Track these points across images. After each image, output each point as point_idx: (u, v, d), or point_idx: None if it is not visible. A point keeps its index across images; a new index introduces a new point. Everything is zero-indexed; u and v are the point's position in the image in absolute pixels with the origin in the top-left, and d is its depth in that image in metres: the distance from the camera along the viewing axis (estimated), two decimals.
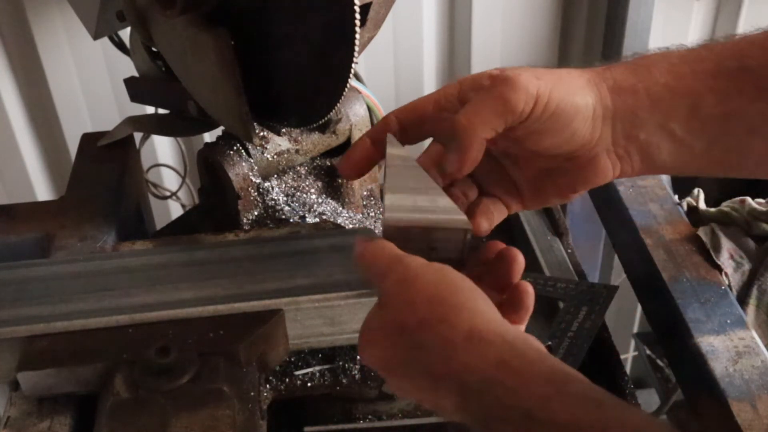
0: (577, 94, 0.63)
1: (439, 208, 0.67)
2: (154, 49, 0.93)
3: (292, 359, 0.81)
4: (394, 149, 0.70)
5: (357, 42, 0.73)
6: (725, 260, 0.98)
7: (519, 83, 0.61)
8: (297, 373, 0.80)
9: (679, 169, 0.70)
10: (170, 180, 1.51)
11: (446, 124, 0.64)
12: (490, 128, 0.61)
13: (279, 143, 0.95)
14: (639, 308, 1.90)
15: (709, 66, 0.64)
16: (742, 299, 0.98)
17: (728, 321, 0.88)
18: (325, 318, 0.75)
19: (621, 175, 0.67)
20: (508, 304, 0.62)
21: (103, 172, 1.01)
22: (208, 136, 1.21)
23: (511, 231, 1.16)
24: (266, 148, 0.94)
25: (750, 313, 0.98)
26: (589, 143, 0.64)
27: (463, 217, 0.67)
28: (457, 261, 0.67)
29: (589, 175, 0.66)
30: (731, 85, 0.63)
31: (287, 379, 0.80)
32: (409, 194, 0.66)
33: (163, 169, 1.48)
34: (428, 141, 0.71)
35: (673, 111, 0.64)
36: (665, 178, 1.30)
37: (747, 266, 1.00)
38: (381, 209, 1.01)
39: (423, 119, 0.68)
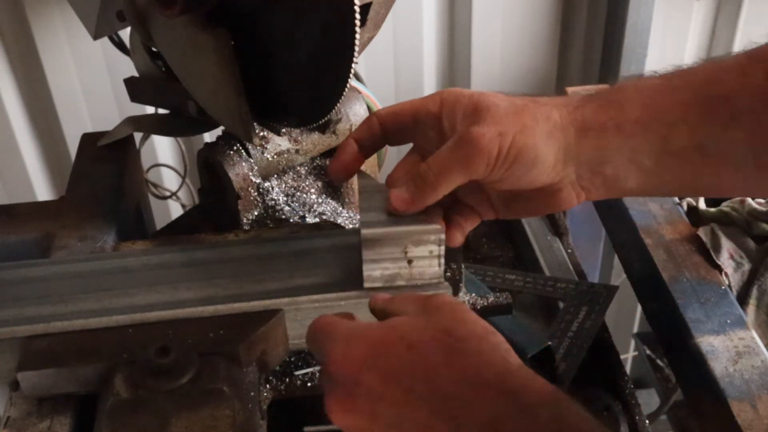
0: (538, 144, 0.65)
1: (410, 219, 0.71)
2: (154, 49, 0.93)
3: (292, 359, 0.81)
4: (364, 180, 0.76)
5: (357, 42, 0.73)
6: (725, 260, 0.98)
7: (481, 146, 0.65)
8: (297, 373, 0.80)
9: (645, 194, 0.74)
10: (170, 180, 1.51)
11: (421, 141, 0.72)
12: (452, 183, 0.67)
13: (279, 143, 0.95)
14: (639, 308, 1.90)
15: (682, 96, 0.64)
16: (742, 299, 0.98)
17: (728, 321, 0.88)
18: None
19: (586, 199, 0.70)
20: None
21: (103, 172, 1.01)
22: (208, 136, 1.21)
23: (511, 231, 1.16)
24: (266, 148, 0.94)
25: (750, 313, 0.98)
26: (552, 183, 0.68)
27: (436, 225, 0.70)
28: (436, 276, 0.70)
29: (552, 203, 0.70)
30: (704, 114, 0.64)
31: (287, 379, 0.80)
32: (381, 211, 0.70)
33: (163, 169, 1.48)
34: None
35: (644, 145, 0.65)
36: None
37: (747, 266, 1.00)
38: None
39: (403, 127, 0.72)
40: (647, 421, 0.86)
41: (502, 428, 0.48)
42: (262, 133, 0.94)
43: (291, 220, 0.93)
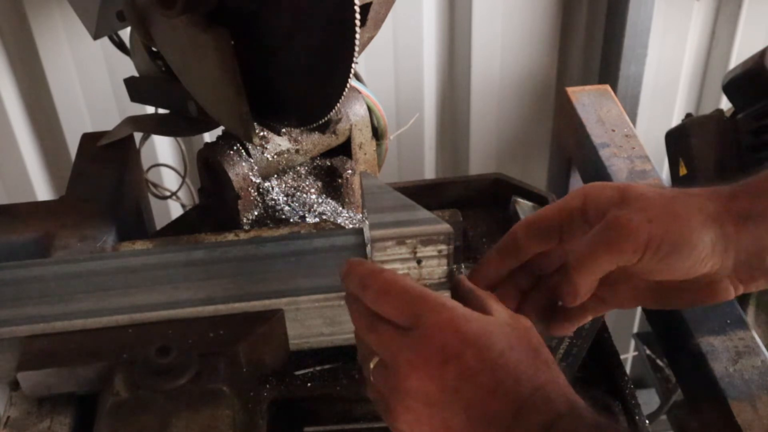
0: (693, 235, 0.62)
1: (419, 219, 0.70)
2: (154, 49, 0.93)
3: (292, 359, 0.81)
4: (368, 180, 0.75)
5: (357, 42, 0.73)
6: None
7: (629, 231, 0.62)
8: (297, 373, 0.80)
9: None
10: (170, 180, 1.51)
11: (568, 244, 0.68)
12: (600, 271, 0.64)
13: (279, 143, 0.95)
14: (639, 308, 1.90)
15: None
16: (742, 299, 0.98)
17: (728, 321, 0.88)
18: (325, 318, 0.75)
19: (744, 291, 0.67)
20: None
21: (103, 172, 1.01)
22: (208, 136, 1.21)
23: None
24: (266, 148, 0.94)
25: (750, 313, 0.98)
26: (707, 275, 0.64)
27: (445, 225, 0.69)
28: (446, 273, 0.70)
29: (708, 295, 0.67)
30: None
31: (287, 379, 0.80)
32: (389, 212, 0.69)
33: (163, 169, 1.48)
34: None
35: None
36: (665, 178, 1.30)
37: None
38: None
39: (549, 229, 0.69)
40: (647, 421, 0.86)
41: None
42: (262, 133, 0.94)
43: (291, 220, 0.93)
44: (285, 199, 0.95)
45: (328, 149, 0.99)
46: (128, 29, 0.96)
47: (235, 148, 0.92)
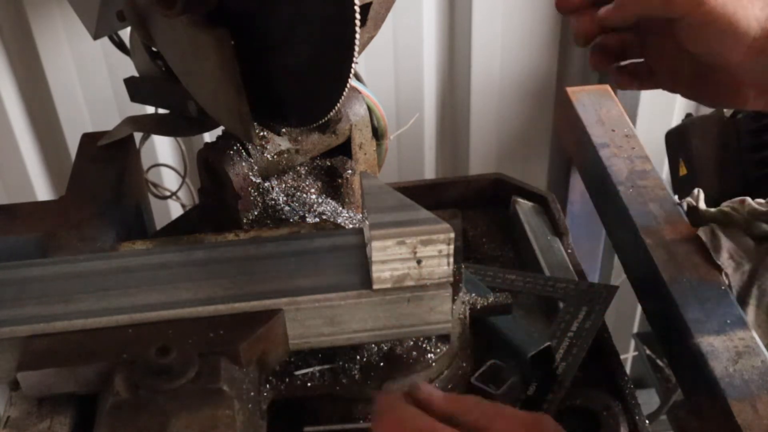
0: (747, 15, 0.66)
1: (419, 219, 0.70)
2: (154, 49, 0.93)
3: (292, 359, 0.81)
4: (368, 180, 0.75)
5: (357, 42, 0.73)
6: (725, 260, 0.98)
7: None
8: (297, 373, 0.80)
9: None
10: (170, 180, 1.51)
11: None
12: (648, 7, 0.70)
13: (279, 143, 0.95)
14: (639, 308, 1.90)
15: None
16: (742, 299, 0.98)
17: (728, 321, 0.88)
18: (325, 318, 0.75)
19: (762, 106, 0.73)
20: None
21: (103, 172, 1.01)
22: (208, 136, 1.21)
23: (511, 231, 1.16)
24: (266, 148, 0.94)
25: (750, 314, 0.98)
26: (736, 69, 0.69)
27: (445, 224, 0.69)
28: (445, 275, 0.70)
29: (723, 95, 0.72)
30: None
31: (287, 379, 0.80)
32: (389, 212, 0.69)
33: (163, 169, 1.48)
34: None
35: None
36: (665, 178, 1.30)
37: (747, 266, 1.00)
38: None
39: None
40: (647, 421, 0.86)
41: None
42: (262, 133, 0.94)
43: (291, 220, 0.93)
44: (285, 199, 0.95)
45: (328, 149, 0.99)
46: (128, 29, 0.96)
47: (235, 148, 0.92)
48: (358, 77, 1.02)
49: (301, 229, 0.87)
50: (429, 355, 0.81)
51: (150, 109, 1.08)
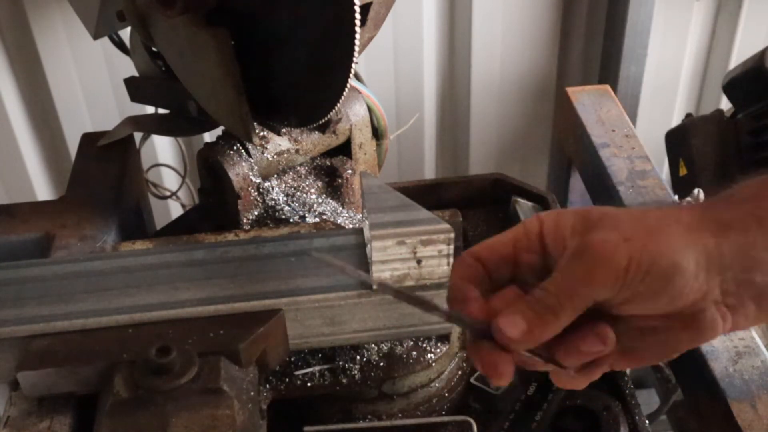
0: (675, 251, 0.54)
1: (419, 219, 0.70)
2: (154, 48, 0.93)
3: (292, 359, 0.81)
4: (368, 180, 0.73)
5: (357, 42, 0.73)
6: None
7: (605, 253, 0.53)
8: (297, 373, 0.80)
9: None
10: (170, 180, 1.51)
11: (527, 271, 0.59)
12: (577, 307, 0.55)
13: (279, 143, 0.95)
14: None
15: None
16: None
17: None
18: (325, 318, 0.75)
19: (733, 328, 0.57)
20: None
21: (103, 172, 1.01)
22: (208, 136, 1.21)
23: None
24: (266, 148, 0.94)
25: None
26: (694, 302, 0.55)
27: (445, 224, 0.69)
28: (445, 275, 0.70)
29: (694, 332, 0.56)
30: None
31: (287, 379, 0.80)
32: (389, 212, 0.69)
33: (163, 169, 1.48)
34: None
35: None
36: (665, 178, 1.30)
37: None
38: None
39: (504, 260, 0.60)
40: (647, 421, 0.86)
41: None
42: (262, 133, 0.94)
43: (291, 220, 0.93)
44: (285, 199, 0.95)
45: (328, 149, 0.99)
46: (128, 29, 0.96)
47: (235, 148, 0.92)
48: (358, 77, 1.02)
49: (301, 229, 0.87)
50: (429, 355, 0.81)
51: (150, 109, 1.08)
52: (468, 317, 0.56)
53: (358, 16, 0.71)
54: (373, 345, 0.81)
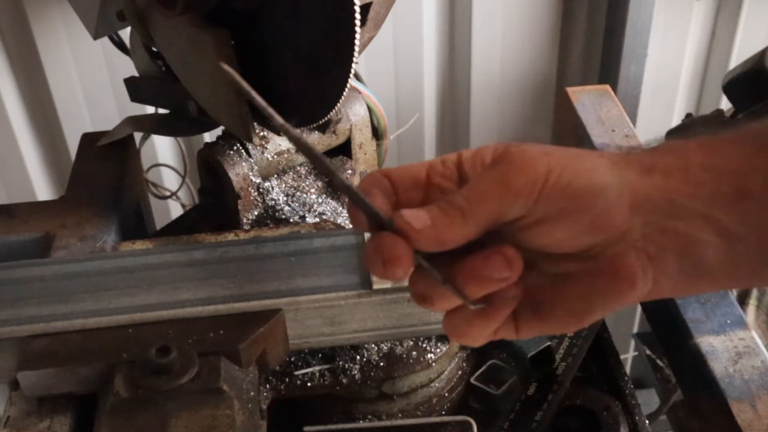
0: (597, 173, 0.51)
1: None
2: (154, 48, 0.93)
3: (292, 359, 0.81)
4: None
5: (357, 42, 0.73)
6: None
7: (523, 160, 0.50)
8: (297, 373, 0.80)
9: (728, 274, 0.54)
10: (170, 180, 1.51)
11: (438, 194, 0.54)
12: (487, 212, 0.50)
13: (279, 143, 0.95)
14: (639, 308, 1.90)
15: (748, 147, 0.52)
16: (742, 299, 0.99)
17: (728, 321, 0.88)
18: (325, 318, 0.75)
19: (652, 290, 0.52)
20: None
21: (103, 172, 1.01)
22: (208, 136, 1.21)
23: None
24: (266, 148, 0.94)
25: (750, 314, 0.98)
26: (614, 237, 0.51)
27: None
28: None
29: (611, 282, 0.52)
30: None
31: (287, 379, 0.80)
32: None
33: (163, 169, 1.48)
34: None
35: (717, 196, 0.51)
36: None
37: None
38: None
39: (416, 183, 0.55)
40: (647, 421, 0.86)
41: None
42: (262, 133, 0.94)
43: (291, 220, 0.93)
44: (285, 199, 0.95)
45: (328, 149, 0.99)
46: (128, 29, 0.96)
47: (235, 148, 0.92)
48: (358, 77, 1.02)
49: (301, 229, 0.87)
50: (429, 355, 0.81)
51: (150, 109, 1.08)
52: (370, 203, 0.51)
53: (358, 16, 0.71)
54: (373, 345, 0.81)
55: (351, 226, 0.93)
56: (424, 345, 0.81)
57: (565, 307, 0.54)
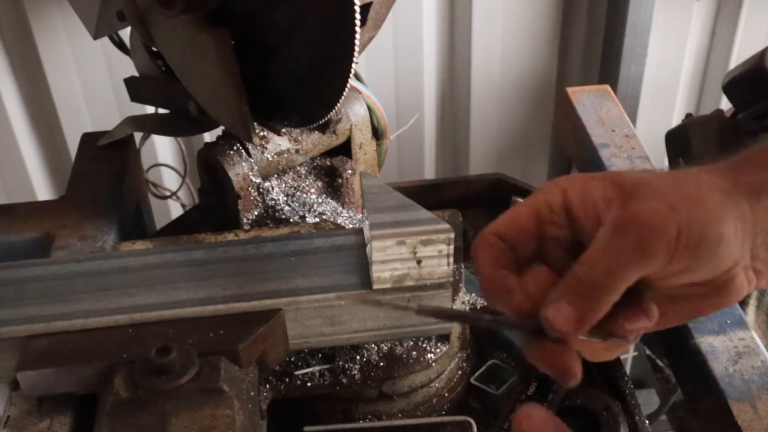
0: (718, 219, 0.52)
1: (419, 219, 0.70)
2: (154, 48, 0.93)
3: (292, 359, 0.81)
4: (368, 180, 0.74)
5: (357, 42, 0.73)
6: None
7: (655, 225, 0.50)
8: (297, 373, 0.80)
9: None
10: (170, 180, 1.51)
11: (553, 246, 0.55)
12: (626, 282, 0.51)
13: (279, 143, 0.95)
14: None
15: None
16: (742, 300, 0.98)
17: (728, 321, 0.88)
18: (325, 318, 0.75)
19: (757, 286, 0.56)
20: None
21: (103, 172, 1.01)
22: (208, 136, 1.21)
23: None
24: (266, 148, 0.94)
25: (750, 314, 0.98)
26: (728, 268, 0.53)
27: (445, 224, 0.69)
28: (445, 275, 0.70)
29: (720, 299, 0.55)
30: None
31: (287, 379, 0.80)
32: (389, 212, 0.69)
33: (163, 169, 1.48)
34: None
35: None
36: None
37: None
38: None
39: (527, 235, 0.56)
40: (647, 421, 0.86)
41: None
42: (262, 133, 0.94)
43: (291, 220, 0.93)
44: (285, 199, 0.95)
45: (328, 149, 0.99)
46: (128, 29, 0.96)
47: (235, 148, 0.92)
48: (358, 77, 1.02)
49: (301, 229, 0.87)
50: (429, 355, 0.81)
51: (150, 109, 1.08)
52: (514, 319, 0.53)
53: (358, 16, 0.71)
54: (373, 345, 0.81)
55: (351, 226, 0.93)
56: (424, 345, 0.81)
57: (677, 316, 0.57)
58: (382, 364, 0.80)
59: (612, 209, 0.52)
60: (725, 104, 1.39)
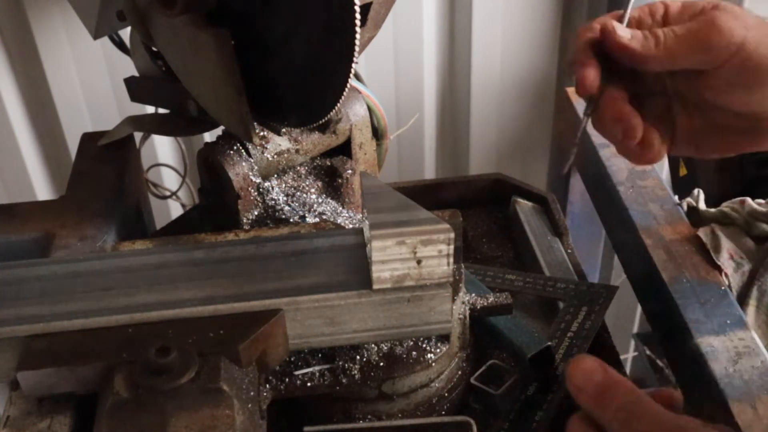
0: None
1: (419, 219, 0.70)
2: (154, 48, 0.93)
3: (292, 359, 0.81)
4: (368, 180, 0.75)
5: (357, 42, 0.73)
6: (725, 261, 0.98)
7: (726, 25, 0.60)
8: (297, 373, 0.80)
9: None
10: (170, 180, 1.51)
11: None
12: (683, 57, 0.62)
13: (279, 143, 0.95)
14: (639, 308, 1.90)
15: None
16: (742, 300, 0.98)
17: (728, 321, 0.88)
18: (325, 318, 0.75)
19: None
20: None
21: (103, 171, 1.01)
22: (208, 136, 1.21)
23: (511, 231, 1.16)
24: (266, 148, 0.94)
25: (750, 314, 0.98)
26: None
27: (445, 224, 0.69)
28: (445, 275, 0.70)
29: (758, 138, 0.65)
30: None
31: (287, 379, 0.80)
32: (389, 212, 0.69)
33: (163, 169, 1.48)
34: None
35: None
36: (665, 178, 1.30)
37: (747, 267, 1.00)
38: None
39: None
40: None
41: None
42: (262, 133, 0.94)
43: (291, 220, 0.93)
44: (285, 199, 0.95)
45: (328, 149, 0.99)
46: (128, 29, 0.96)
47: (235, 148, 0.92)
48: (358, 77, 1.02)
49: (301, 229, 0.87)
50: (429, 355, 0.81)
51: (150, 109, 1.08)
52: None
53: (358, 16, 0.71)
54: (373, 345, 0.81)
55: (351, 226, 0.93)
56: (424, 345, 0.81)
57: (715, 147, 0.68)
58: (382, 364, 0.80)
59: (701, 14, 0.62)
60: None
